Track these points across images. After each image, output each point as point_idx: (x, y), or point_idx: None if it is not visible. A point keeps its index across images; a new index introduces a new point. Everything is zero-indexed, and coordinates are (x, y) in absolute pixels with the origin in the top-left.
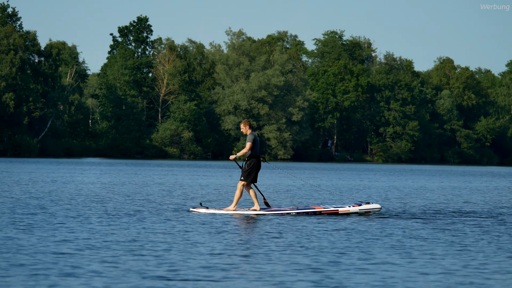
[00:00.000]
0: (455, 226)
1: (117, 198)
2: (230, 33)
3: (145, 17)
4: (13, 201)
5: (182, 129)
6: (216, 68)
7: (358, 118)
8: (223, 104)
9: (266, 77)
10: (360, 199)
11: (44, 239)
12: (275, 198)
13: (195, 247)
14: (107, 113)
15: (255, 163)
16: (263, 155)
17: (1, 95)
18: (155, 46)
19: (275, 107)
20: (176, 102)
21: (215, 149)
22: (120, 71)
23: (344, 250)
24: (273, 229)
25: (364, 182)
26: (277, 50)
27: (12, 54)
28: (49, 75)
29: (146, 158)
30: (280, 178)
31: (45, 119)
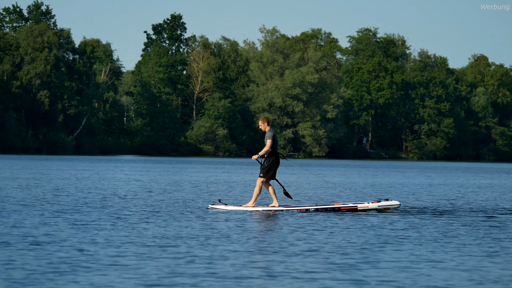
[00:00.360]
0: (489, 223)
1: (153, 195)
2: (264, 31)
3: (179, 15)
4: (50, 199)
5: (217, 126)
6: (250, 66)
7: (392, 116)
8: (257, 102)
9: (300, 75)
10: (388, 196)
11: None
12: (296, 194)
13: (223, 245)
14: (142, 110)
15: (274, 160)
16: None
17: (36, 93)
18: (189, 44)
19: (309, 105)
20: (211, 99)
21: (249, 147)
22: (155, 69)
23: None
24: (301, 226)
25: (397, 180)
26: (311, 47)
27: (46, 52)
28: (84, 73)
29: (181, 156)
30: (302, 175)
31: (80, 117)
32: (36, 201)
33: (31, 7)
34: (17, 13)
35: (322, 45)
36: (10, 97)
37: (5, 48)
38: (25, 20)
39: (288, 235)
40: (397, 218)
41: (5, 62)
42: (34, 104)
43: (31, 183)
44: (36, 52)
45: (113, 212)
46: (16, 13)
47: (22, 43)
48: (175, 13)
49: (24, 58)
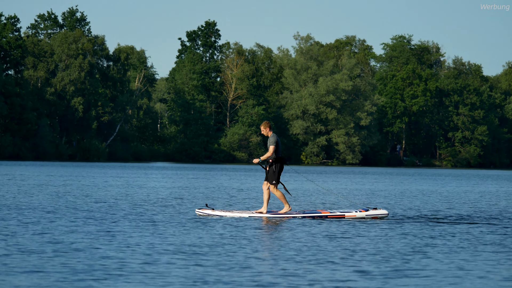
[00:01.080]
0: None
1: (184, 202)
2: (298, 38)
3: (213, 22)
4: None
5: (250, 133)
6: (284, 73)
7: (426, 123)
8: (291, 109)
9: (334, 82)
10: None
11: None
12: (290, 201)
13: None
14: (176, 117)
15: (280, 166)
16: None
17: (70, 100)
18: (223, 51)
19: (343, 112)
20: (244, 106)
21: (283, 154)
22: (189, 76)
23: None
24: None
25: (429, 187)
26: (345, 54)
27: (80, 59)
28: (118, 80)
29: (214, 163)
30: (302, 182)
31: (114, 124)
32: (66, 208)
33: (66, 14)
34: (52, 20)
35: (356, 52)
36: (44, 104)
37: (39, 55)
38: (59, 27)
39: (320, 242)
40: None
41: (39, 69)
42: (68, 111)
43: (62, 190)
44: (70, 59)
45: (145, 219)
46: (51, 20)
47: (57, 50)
48: (209, 20)
49: (59, 65)
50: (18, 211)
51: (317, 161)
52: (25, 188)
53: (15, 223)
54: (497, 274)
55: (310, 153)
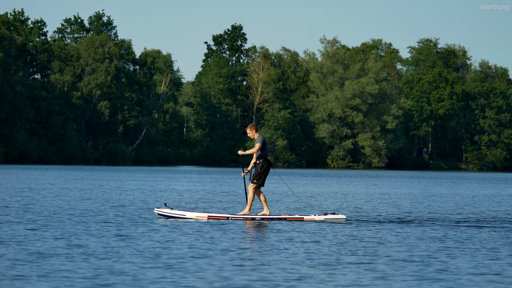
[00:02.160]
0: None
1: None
2: (325, 41)
3: (240, 26)
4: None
5: (277, 137)
6: (310, 76)
7: (453, 126)
8: (317, 112)
9: (360, 85)
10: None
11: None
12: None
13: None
14: (202, 121)
15: (266, 166)
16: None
17: (97, 104)
18: (249, 55)
19: (369, 115)
20: (271, 110)
21: (309, 157)
22: (215, 80)
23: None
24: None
25: (444, 191)
26: (372, 58)
27: (107, 63)
28: (144, 84)
29: (240, 166)
30: (279, 184)
31: (140, 127)
32: (87, 212)
33: (92, 18)
34: (78, 24)
35: (382, 55)
36: (70, 108)
37: (66, 59)
38: (86, 31)
39: (338, 246)
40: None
41: (66, 73)
42: (94, 114)
43: (86, 194)
44: (96, 63)
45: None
46: (77, 24)
47: (83, 54)
48: (235, 24)
49: (85, 69)
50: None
51: (343, 165)
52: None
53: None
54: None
55: (336, 157)
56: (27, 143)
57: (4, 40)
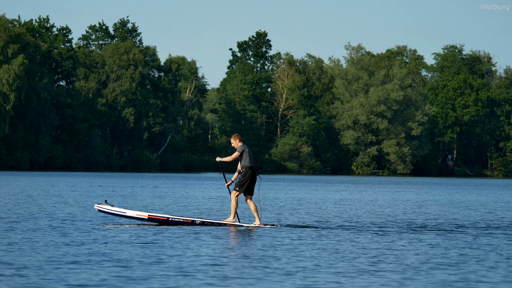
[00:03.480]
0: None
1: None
2: (349, 48)
3: (264, 32)
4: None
5: (301, 144)
6: (335, 83)
7: (478, 133)
8: (342, 119)
9: (385, 92)
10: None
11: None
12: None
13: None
14: (227, 128)
15: (250, 174)
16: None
17: (121, 110)
18: (274, 61)
19: (394, 122)
20: (295, 116)
21: (334, 164)
22: (239, 86)
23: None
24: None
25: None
26: (396, 64)
27: (132, 69)
28: (169, 90)
29: (265, 173)
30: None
31: (165, 134)
32: (103, 218)
33: (117, 24)
34: (103, 30)
35: (407, 62)
36: (95, 115)
37: (91, 65)
38: (111, 38)
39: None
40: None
41: (90, 79)
42: (119, 121)
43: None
44: (121, 69)
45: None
46: (102, 31)
47: (108, 61)
48: (260, 30)
49: (110, 75)
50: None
51: (368, 171)
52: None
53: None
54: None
55: (361, 163)
56: (52, 150)
57: (29, 47)
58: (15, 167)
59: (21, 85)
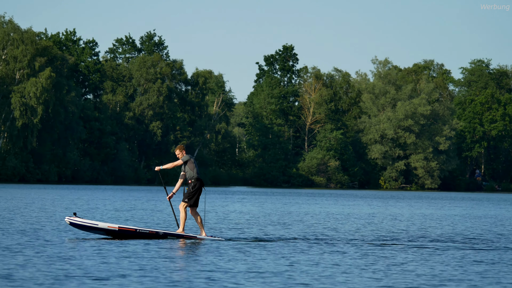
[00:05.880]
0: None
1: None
2: (376, 62)
3: (291, 46)
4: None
5: (329, 158)
6: (362, 97)
7: (505, 148)
8: (369, 133)
9: (412, 106)
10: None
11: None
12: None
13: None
14: (254, 141)
15: (199, 185)
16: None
17: (149, 124)
18: (301, 75)
19: (421, 136)
20: (323, 131)
21: (361, 178)
22: (267, 100)
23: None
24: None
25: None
26: (424, 79)
27: (159, 83)
28: (196, 104)
29: (293, 187)
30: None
31: (192, 148)
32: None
33: (144, 38)
34: (130, 44)
35: (434, 76)
36: (123, 128)
37: (118, 79)
38: (138, 51)
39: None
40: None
41: (118, 93)
42: (146, 135)
43: (115, 215)
44: (148, 83)
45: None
46: (129, 44)
47: (135, 74)
48: (287, 44)
49: (137, 89)
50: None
51: (396, 186)
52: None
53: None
54: None
55: (389, 178)
56: (79, 163)
57: (56, 60)
58: (42, 180)
59: (49, 98)
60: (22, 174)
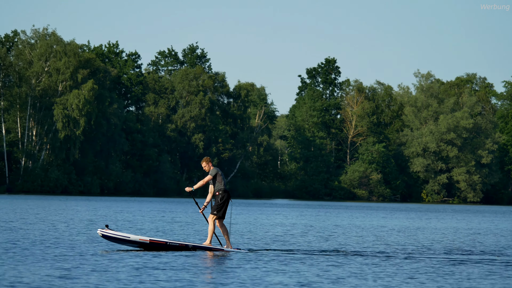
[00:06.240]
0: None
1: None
2: (419, 75)
3: (333, 59)
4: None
5: (371, 171)
6: (405, 110)
7: None
8: (411, 146)
9: (455, 120)
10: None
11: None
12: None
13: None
14: (296, 154)
15: (226, 197)
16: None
17: (191, 136)
18: (343, 88)
19: (464, 150)
20: (365, 144)
21: (403, 191)
22: (309, 113)
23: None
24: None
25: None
26: (466, 92)
27: (201, 95)
28: (238, 116)
29: (334, 200)
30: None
31: (234, 160)
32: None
33: (186, 50)
34: (172, 56)
35: (477, 90)
36: (165, 140)
37: (160, 91)
38: (180, 64)
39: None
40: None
41: (160, 105)
42: (188, 147)
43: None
44: (191, 95)
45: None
46: (171, 57)
47: (177, 87)
48: (329, 57)
49: (179, 101)
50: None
51: (438, 199)
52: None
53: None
54: None
55: (431, 191)
56: (122, 175)
57: (99, 72)
58: (85, 192)
59: (91, 110)
60: (64, 186)
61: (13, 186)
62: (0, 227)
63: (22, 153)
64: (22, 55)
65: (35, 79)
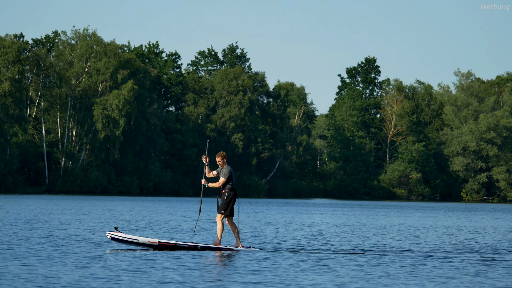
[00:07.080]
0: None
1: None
2: (459, 74)
3: (373, 58)
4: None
5: (410, 170)
6: (445, 109)
7: None
8: (451, 145)
9: (495, 118)
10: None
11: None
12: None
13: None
14: (335, 154)
15: (233, 195)
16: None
17: (230, 136)
18: (383, 87)
19: (504, 149)
20: (404, 143)
21: (443, 191)
22: (348, 112)
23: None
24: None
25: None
26: (507, 91)
27: (241, 95)
28: (278, 116)
29: (374, 199)
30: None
31: (274, 160)
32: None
33: (226, 50)
34: (212, 56)
35: None
36: (204, 140)
37: (200, 91)
38: (220, 64)
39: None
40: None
41: (199, 105)
42: (228, 147)
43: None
44: (230, 95)
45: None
46: (211, 57)
47: (217, 87)
48: (369, 56)
49: (219, 101)
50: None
51: (478, 198)
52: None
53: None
54: None
55: (471, 190)
56: (161, 175)
57: (139, 72)
58: (124, 192)
59: (131, 110)
60: (104, 186)
61: (52, 186)
62: (35, 228)
63: (62, 154)
64: (63, 56)
65: (75, 79)
